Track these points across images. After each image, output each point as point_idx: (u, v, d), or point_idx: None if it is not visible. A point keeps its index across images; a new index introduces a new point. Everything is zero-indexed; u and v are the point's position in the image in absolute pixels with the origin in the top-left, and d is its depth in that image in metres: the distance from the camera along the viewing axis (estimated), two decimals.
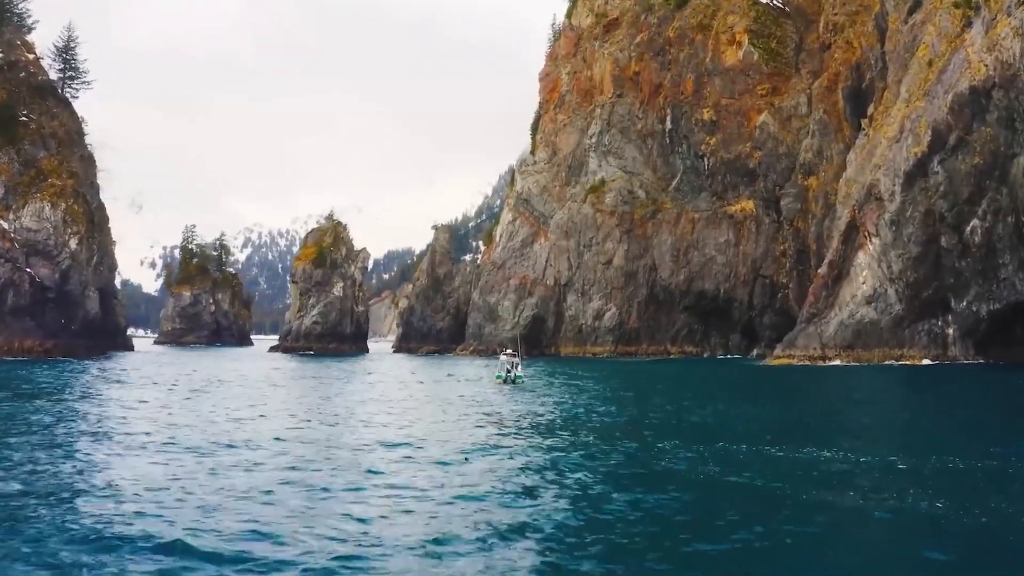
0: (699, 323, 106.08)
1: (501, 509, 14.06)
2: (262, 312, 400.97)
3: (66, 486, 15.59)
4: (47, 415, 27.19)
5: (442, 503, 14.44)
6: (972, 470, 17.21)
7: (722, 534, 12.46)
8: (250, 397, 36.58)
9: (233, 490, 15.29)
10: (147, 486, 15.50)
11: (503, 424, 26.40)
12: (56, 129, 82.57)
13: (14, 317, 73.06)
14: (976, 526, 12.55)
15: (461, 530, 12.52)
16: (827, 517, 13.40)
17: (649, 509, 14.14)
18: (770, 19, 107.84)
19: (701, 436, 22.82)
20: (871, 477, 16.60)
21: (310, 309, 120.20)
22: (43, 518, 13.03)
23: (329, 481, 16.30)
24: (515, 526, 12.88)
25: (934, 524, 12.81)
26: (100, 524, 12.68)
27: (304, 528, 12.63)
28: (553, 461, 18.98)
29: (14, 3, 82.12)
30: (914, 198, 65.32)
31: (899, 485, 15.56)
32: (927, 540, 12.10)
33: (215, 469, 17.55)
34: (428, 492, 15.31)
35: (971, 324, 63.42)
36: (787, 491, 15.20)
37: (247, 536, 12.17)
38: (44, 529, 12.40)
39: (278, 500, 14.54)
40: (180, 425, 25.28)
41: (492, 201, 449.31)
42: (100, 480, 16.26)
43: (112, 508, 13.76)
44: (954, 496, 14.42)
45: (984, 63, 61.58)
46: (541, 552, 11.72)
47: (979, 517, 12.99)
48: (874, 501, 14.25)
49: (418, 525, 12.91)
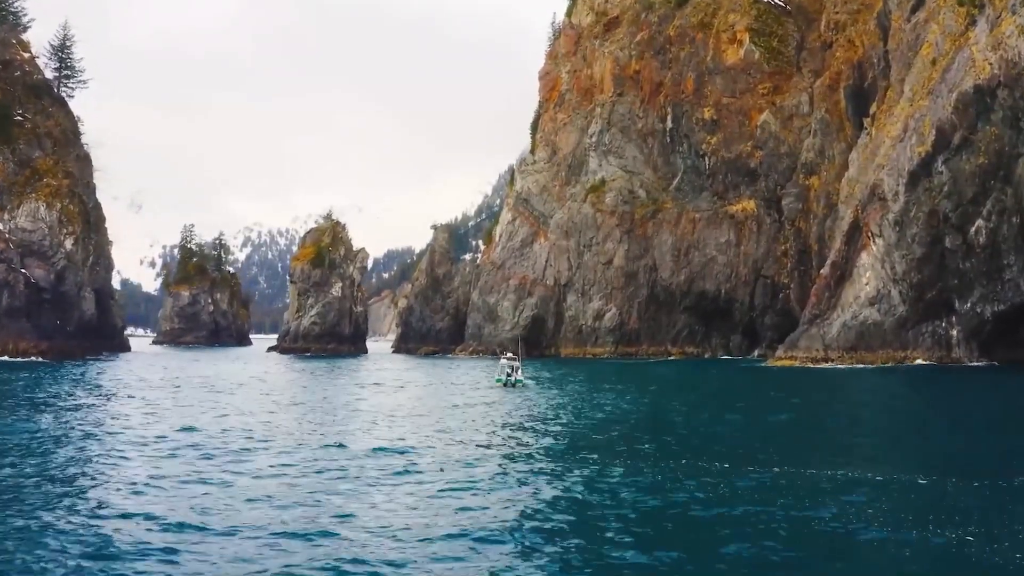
0: (700, 324, 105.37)
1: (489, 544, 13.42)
2: (261, 312, 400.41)
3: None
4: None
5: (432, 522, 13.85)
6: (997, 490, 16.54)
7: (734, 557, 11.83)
8: (239, 407, 35.90)
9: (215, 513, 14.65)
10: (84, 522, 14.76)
11: (502, 434, 25.74)
12: (51, 129, 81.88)
13: (9, 318, 72.40)
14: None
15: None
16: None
17: (650, 536, 13.50)
18: (771, 18, 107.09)
19: (708, 450, 22.18)
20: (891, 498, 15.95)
21: (308, 309, 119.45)
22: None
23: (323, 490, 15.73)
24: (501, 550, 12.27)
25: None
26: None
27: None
28: (548, 480, 18.33)
29: (9, 2, 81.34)
30: (918, 198, 64.64)
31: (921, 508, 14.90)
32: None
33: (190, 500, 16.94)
34: (418, 509, 14.72)
35: (975, 326, 62.78)
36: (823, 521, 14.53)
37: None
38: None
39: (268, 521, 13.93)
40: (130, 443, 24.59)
41: (492, 200, 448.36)
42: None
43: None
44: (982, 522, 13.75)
45: (989, 62, 60.92)
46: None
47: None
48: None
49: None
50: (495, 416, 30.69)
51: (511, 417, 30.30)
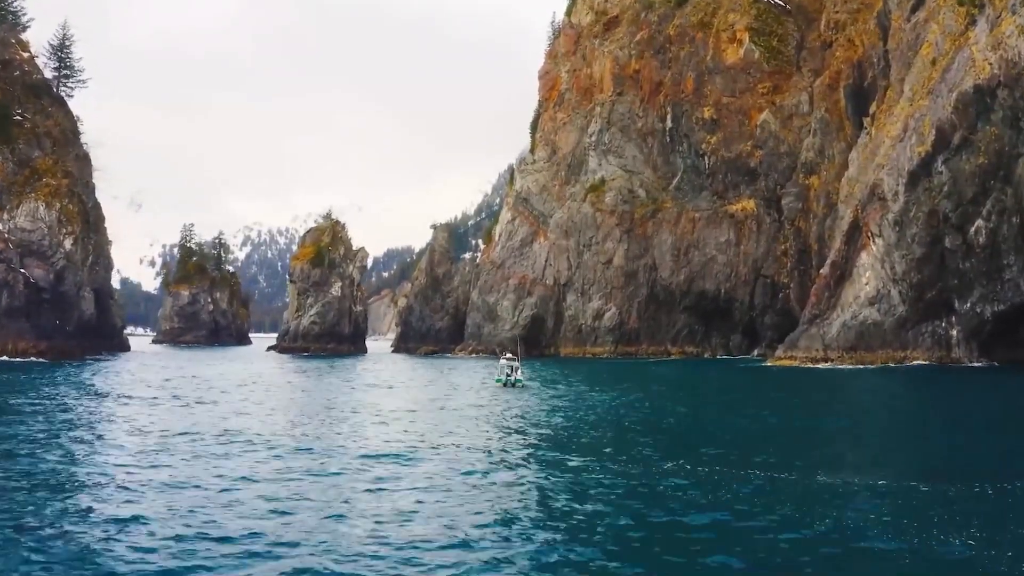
0: (700, 323, 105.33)
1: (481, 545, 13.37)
2: (261, 311, 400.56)
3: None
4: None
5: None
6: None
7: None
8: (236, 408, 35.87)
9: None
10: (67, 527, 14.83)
11: (496, 435, 25.71)
12: (51, 128, 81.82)
13: (9, 318, 72.32)
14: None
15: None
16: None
17: (642, 544, 13.44)
18: (771, 17, 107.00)
19: (705, 454, 22.14)
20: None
21: (308, 309, 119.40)
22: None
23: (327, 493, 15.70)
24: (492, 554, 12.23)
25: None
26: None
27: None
28: (551, 481, 18.29)
29: (8, 1, 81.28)
30: (918, 198, 64.59)
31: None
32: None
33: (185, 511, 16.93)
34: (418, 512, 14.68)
35: (975, 326, 62.73)
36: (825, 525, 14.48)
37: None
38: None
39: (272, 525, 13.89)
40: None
41: (492, 199, 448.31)
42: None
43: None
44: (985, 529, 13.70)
45: (989, 62, 60.84)
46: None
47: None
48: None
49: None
50: (492, 417, 30.67)
51: (508, 420, 30.27)
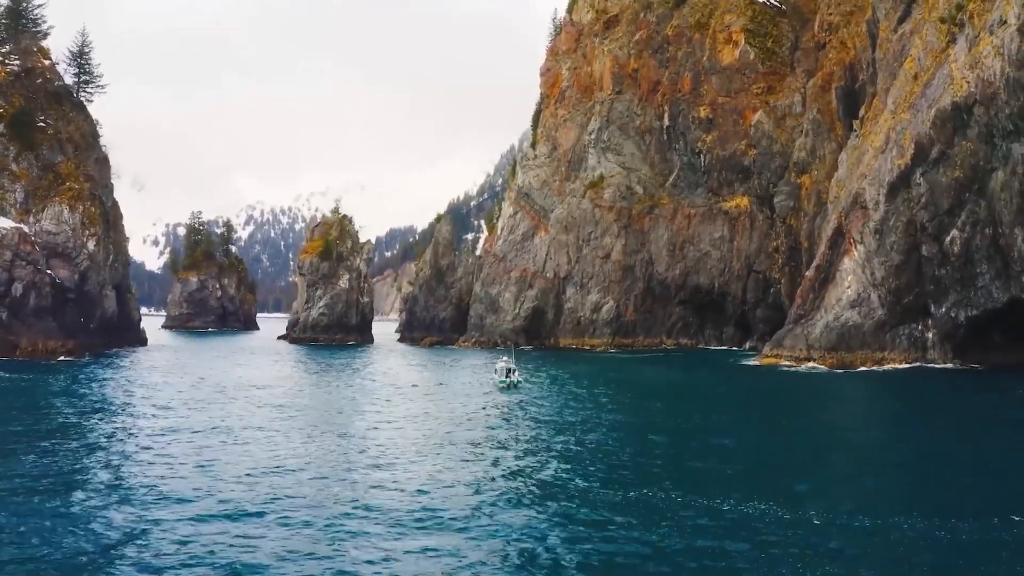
0: (694, 316, 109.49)
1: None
2: (265, 290, 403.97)
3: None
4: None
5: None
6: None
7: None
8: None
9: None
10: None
11: (487, 447, 29.60)
12: (72, 133, 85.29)
13: (36, 318, 76.23)
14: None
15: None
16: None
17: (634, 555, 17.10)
18: (767, 18, 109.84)
19: (687, 479, 25.73)
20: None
21: (317, 301, 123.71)
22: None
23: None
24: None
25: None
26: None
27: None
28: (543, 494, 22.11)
29: (29, 9, 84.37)
30: (897, 208, 68.25)
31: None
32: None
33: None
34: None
35: (949, 329, 66.61)
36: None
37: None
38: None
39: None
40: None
41: (494, 180, 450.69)
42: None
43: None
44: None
45: (966, 80, 64.05)
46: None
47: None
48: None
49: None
50: (490, 424, 35.21)
51: (504, 429, 34.09)
